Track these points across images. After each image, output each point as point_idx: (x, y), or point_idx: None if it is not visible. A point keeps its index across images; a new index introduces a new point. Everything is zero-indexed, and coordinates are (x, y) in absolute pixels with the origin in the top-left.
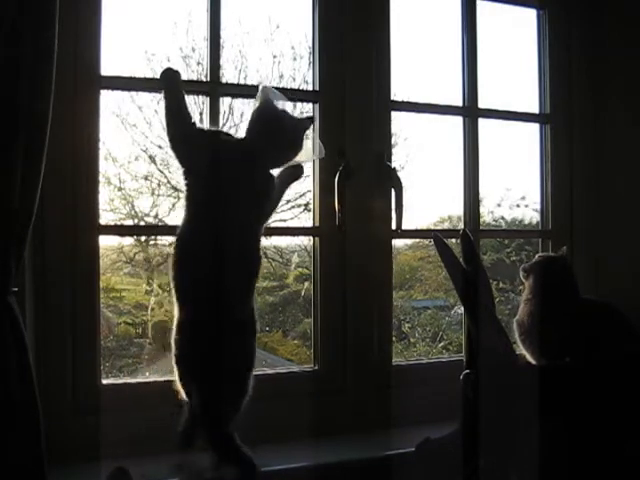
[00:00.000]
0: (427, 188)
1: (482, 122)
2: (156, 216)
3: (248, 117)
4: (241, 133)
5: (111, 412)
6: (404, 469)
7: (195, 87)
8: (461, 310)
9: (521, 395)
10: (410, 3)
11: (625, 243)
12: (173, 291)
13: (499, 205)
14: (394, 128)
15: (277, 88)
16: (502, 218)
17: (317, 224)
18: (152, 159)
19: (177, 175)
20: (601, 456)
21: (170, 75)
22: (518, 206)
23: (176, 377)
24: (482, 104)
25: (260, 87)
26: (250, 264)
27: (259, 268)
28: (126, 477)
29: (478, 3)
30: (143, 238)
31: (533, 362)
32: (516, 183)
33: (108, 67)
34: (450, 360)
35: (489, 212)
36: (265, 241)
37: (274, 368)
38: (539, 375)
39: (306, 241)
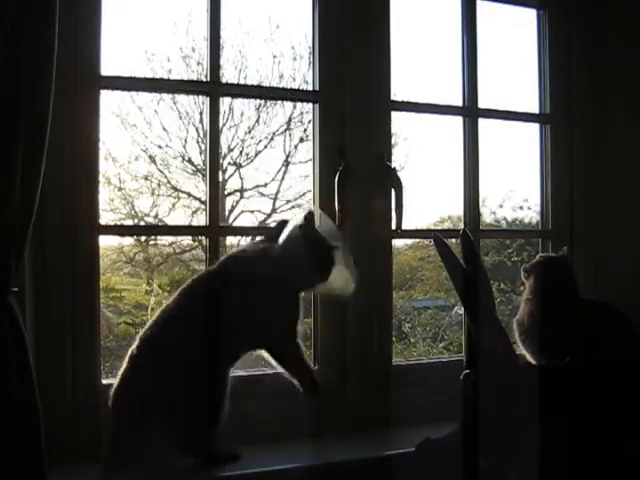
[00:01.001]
0: (427, 188)
1: (482, 122)
2: (156, 216)
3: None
4: (240, 133)
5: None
6: (404, 469)
7: (195, 87)
8: (461, 310)
9: (521, 395)
10: (410, 3)
11: (625, 243)
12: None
13: (501, 206)
14: (394, 128)
15: (277, 88)
16: (504, 219)
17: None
18: (152, 159)
19: (177, 175)
20: (601, 456)
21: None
22: (521, 208)
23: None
24: (482, 104)
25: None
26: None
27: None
28: None
29: (478, 3)
30: (143, 238)
31: (533, 362)
32: (516, 183)
33: (108, 67)
34: (450, 360)
35: (491, 213)
36: None
37: (274, 368)
38: (539, 375)
39: None
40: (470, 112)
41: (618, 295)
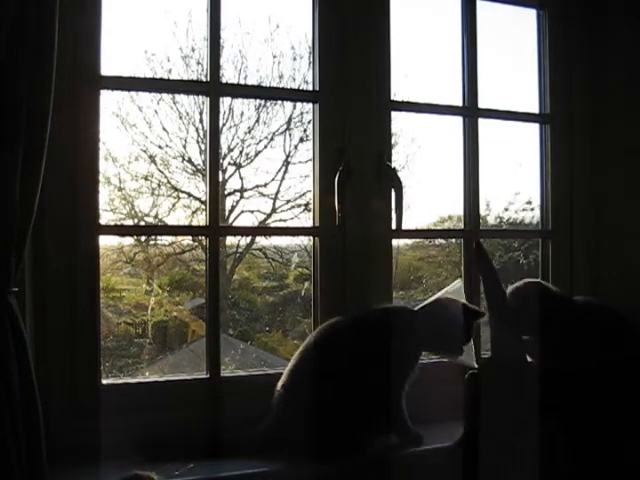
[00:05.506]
0: (427, 188)
1: (482, 122)
2: (156, 216)
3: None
4: (240, 133)
5: (111, 412)
6: (404, 469)
7: (195, 87)
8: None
9: (521, 396)
10: (410, 3)
11: (625, 243)
12: None
13: (506, 209)
14: (394, 128)
15: (277, 88)
16: (508, 221)
17: (317, 224)
18: (152, 159)
19: (177, 175)
20: (600, 456)
21: None
22: (524, 210)
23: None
24: (482, 104)
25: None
26: None
27: None
28: None
29: (478, 3)
30: (143, 238)
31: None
32: (519, 184)
33: (108, 67)
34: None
35: (497, 217)
36: (265, 241)
37: (274, 368)
38: (539, 376)
39: (306, 241)
40: (470, 112)
41: (618, 295)
